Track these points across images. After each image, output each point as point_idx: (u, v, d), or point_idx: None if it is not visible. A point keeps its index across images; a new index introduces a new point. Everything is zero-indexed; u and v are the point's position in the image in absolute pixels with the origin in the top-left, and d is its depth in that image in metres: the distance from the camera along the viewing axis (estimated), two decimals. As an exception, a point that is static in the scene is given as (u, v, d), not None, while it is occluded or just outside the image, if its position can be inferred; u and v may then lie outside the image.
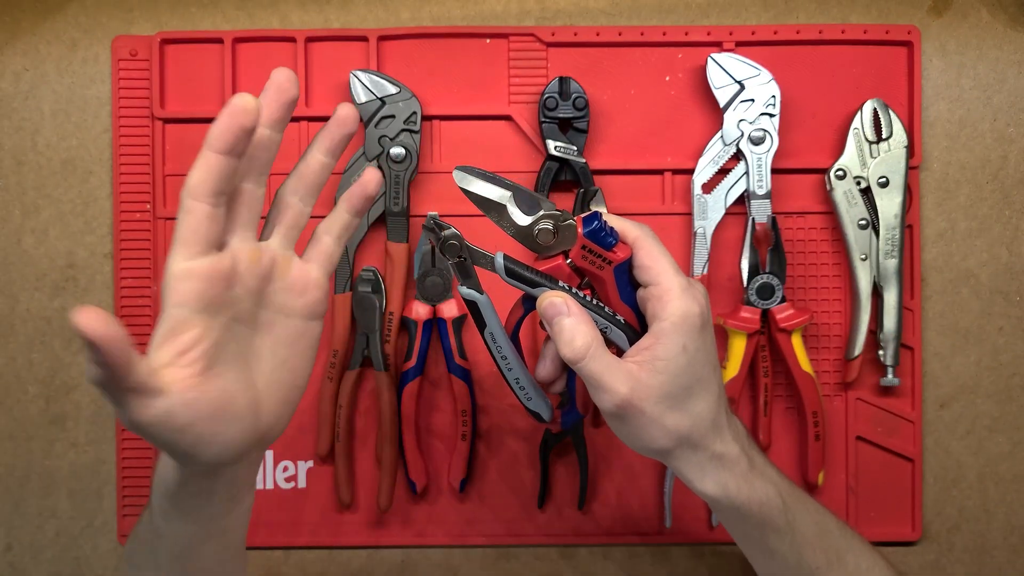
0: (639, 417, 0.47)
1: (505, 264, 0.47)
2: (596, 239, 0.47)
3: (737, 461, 0.49)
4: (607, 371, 0.46)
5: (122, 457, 0.69)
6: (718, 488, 0.48)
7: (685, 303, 0.47)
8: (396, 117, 0.67)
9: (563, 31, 0.69)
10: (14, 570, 0.70)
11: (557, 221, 0.47)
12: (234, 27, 0.70)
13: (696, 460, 0.48)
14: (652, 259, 0.48)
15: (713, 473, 0.48)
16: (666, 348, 0.46)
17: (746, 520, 0.50)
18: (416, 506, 0.70)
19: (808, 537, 0.51)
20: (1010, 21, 0.70)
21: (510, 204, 0.47)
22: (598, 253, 0.47)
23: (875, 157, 0.67)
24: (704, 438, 0.48)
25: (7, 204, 0.70)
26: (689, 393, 0.47)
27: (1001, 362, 0.70)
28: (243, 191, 0.43)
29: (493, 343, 0.51)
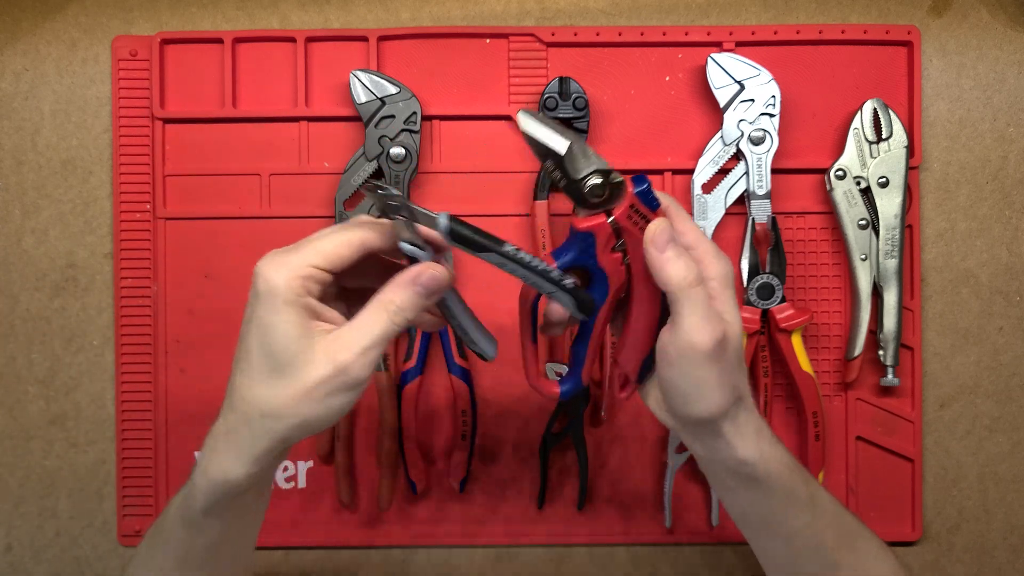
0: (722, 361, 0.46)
1: (451, 225, 0.45)
2: (645, 200, 0.47)
3: (762, 423, 0.49)
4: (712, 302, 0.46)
5: (122, 457, 0.69)
6: (756, 452, 0.48)
7: (725, 262, 0.48)
8: (396, 117, 0.67)
9: (563, 31, 0.69)
10: (14, 570, 0.70)
11: (608, 179, 0.47)
12: (234, 27, 0.70)
13: (740, 419, 0.47)
14: (684, 224, 0.48)
15: (752, 436, 0.48)
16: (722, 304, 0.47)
17: (773, 492, 0.49)
18: (416, 506, 0.70)
19: (828, 515, 0.51)
20: (1010, 21, 0.70)
21: (568, 155, 0.46)
22: (643, 214, 0.47)
23: (875, 157, 0.67)
24: (746, 391, 0.48)
25: (7, 204, 0.70)
26: (740, 347, 0.47)
27: (1001, 362, 0.70)
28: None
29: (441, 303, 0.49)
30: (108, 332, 0.70)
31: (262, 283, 0.43)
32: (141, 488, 0.69)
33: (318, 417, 0.43)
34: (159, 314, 0.69)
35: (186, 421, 0.69)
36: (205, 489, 0.45)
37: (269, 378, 0.43)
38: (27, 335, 0.70)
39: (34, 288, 0.70)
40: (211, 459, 0.45)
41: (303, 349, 0.42)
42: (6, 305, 0.70)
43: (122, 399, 0.69)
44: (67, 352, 0.70)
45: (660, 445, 0.70)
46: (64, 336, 0.70)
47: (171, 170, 0.69)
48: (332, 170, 0.69)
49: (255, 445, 0.44)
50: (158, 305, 0.69)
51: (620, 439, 0.70)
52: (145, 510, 0.69)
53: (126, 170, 0.69)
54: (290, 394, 0.43)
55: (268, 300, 0.43)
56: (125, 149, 0.69)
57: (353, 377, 0.43)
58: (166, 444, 0.69)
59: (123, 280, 0.69)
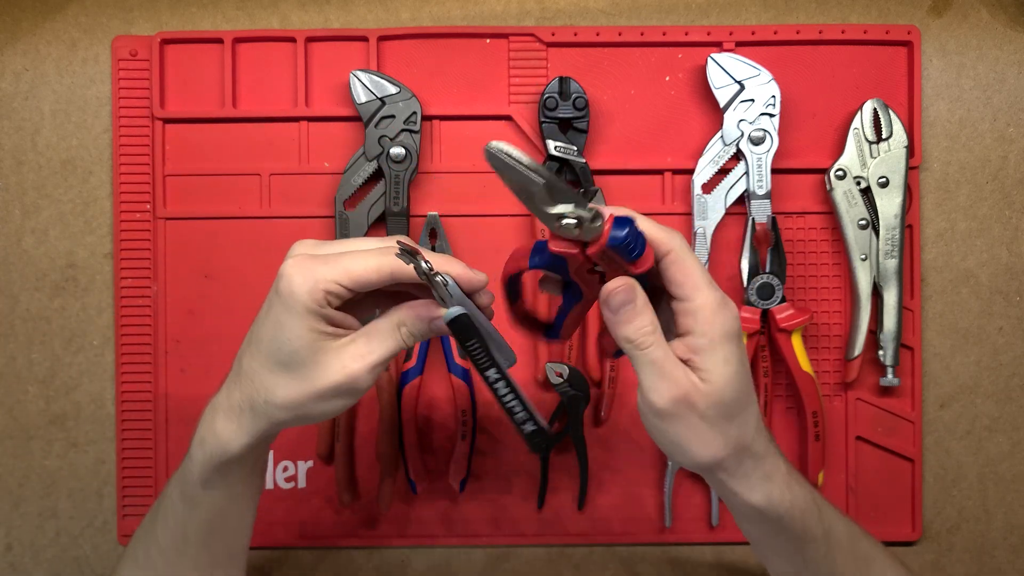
0: (690, 417, 0.45)
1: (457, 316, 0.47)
2: (621, 251, 0.45)
3: (777, 466, 0.48)
4: (669, 361, 0.45)
5: (122, 457, 0.69)
6: (764, 498, 0.47)
7: (723, 319, 0.46)
8: (396, 117, 0.67)
9: (563, 31, 0.69)
10: (14, 570, 0.70)
11: (585, 221, 0.44)
12: (234, 27, 0.70)
13: (742, 471, 0.47)
14: (686, 275, 0.46)
15: (759, 483, 0.47)
16: (707, 360, 0.45)
17: (786, 530, 0.49)
18: (416, 506, 0.70)
19: (842, 544, 0.50)
20: (1010, 21, 0.70)
21: (539, 189, 0.44)
22: (618, 262, 0.46)
23: (875, 157, 0.67)
24: (752, 444, 0.47)
25: (7, 204, 0.70)
26: (736, 404, 0.46)
27: (1001, 362, 0.70)
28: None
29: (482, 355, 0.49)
30: (108, 332, 0.70)
31: (285, 285, 0.45)
32: (141, 488, 0.69)
33: (321, 413, 0.47)
34: (159, 314, 0.69)
35: (186, 421, 0.69)
36: (203, 460, 0.48)
37: (278, 371, 0.46)
38: (27, 335, 0.70)
39: (34, 288, 0.70)
40: (210, 430, 0.48)
41: (315, 355, 0.45)
42: (6, 305, 0.70)
43: (122, 399, 0.69)
44: (67, 352, 0.70)
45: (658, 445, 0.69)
46: (64, 336, 0.70)
47: (171, 170, 0.69)
48: (332, 170, 0.69)
49: (256, 424, 0.47)
50: (158, 305, 0.69)
51: (620, 439, 0.70)
52: (145, 510, 0.69)
53: (126, 170, 0.69)
54: (299, 391, 0.46)
55: (288, 303, 0.45)
56: (125, 149, 0.69)
57: (360, 387, 0.46)
58: (166, 444, 0.69)
59: (123, 280, 0.69)
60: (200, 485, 0.49)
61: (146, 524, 0.54)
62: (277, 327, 0.45)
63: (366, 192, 0.68)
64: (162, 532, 0.52)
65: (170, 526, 0.51)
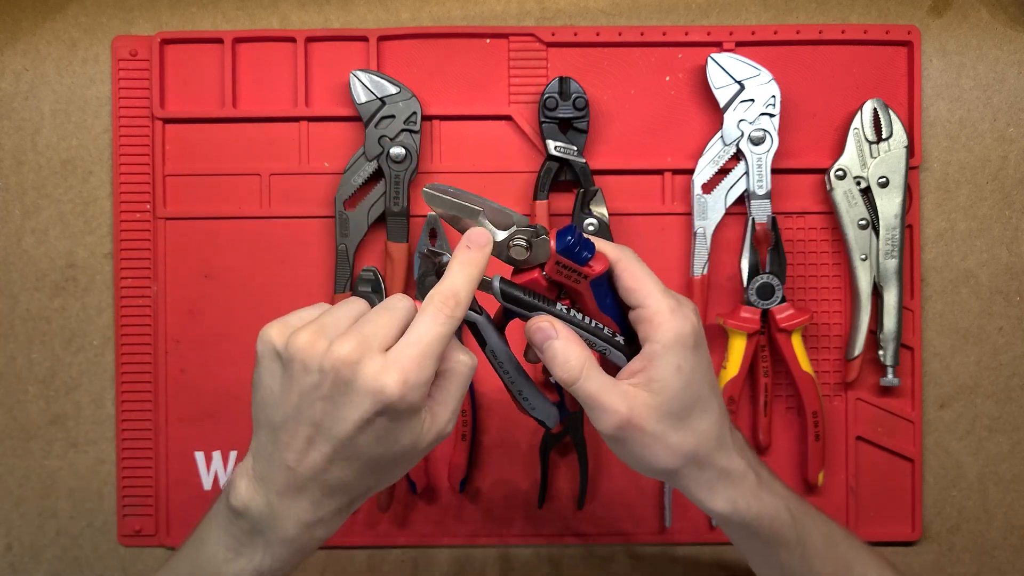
0: (640, 436, 0.46)
1: (501, 288, 0.47)
2: (570, 255, 0.47)
3: (744, 476, 0.48)
4: (603, 391, 0.46)
5: (122, 457, 0.69)
6: (728, 505, 0.48)
7: (676, 324, 0.46)
8: (396, 117, 0.67)
9: (563, 31, 0.69)
10: (14, 570, 0.70)
11: (530, 237, 0.47)
12: (234, 27, 0.70)
13: (704, 478, 0.48)
14: (637, 281, 0.47)
15: (722, 490, 0.48)
16: (659, 369, 0.46)
17: (756, 536, 0.49)
18: (416, 506, 0.70)
19: (818, 550, 0.51)
20: (1010, 21, 0.70)
21: (480, 220, 0.47)
22: (572, 268, 0.47)
23: (875, 157, 0.67)
24: (710, 455, 0.47)
25: (7, 204, 0.70)
26: (689, 412, 0.47)
27: (1001, 362, 0.70)
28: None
29: (495, 359, 0.50)
30: (108, 332, 0.70)
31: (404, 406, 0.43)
32: (141, 488, 0.69)
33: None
34: (159, 314, 0.69)
35: (186, 421, 0.69)
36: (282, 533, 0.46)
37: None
38: (27, 335, 0.70)
39: (34, 288, 0.70)
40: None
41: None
42: (6, 305, 0.70)
43: (122, 399, 0.69)
44: (67, 352, 0.70)
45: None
46: (64, 336, 0.70)
47: (171, 170, 0.69)
48: (332, 170, 0.69)
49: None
50: (158, 305, 0.69)
51: (620, 439, 0.70)
52: (145, 510, 0.69)
53: (126, 170, 0.69)
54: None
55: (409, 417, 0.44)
56: (125, 149, 0.69)
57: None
58: (166, 444, 0.69)
59: (123, 280, 0.69)
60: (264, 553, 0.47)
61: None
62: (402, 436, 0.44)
63: (366, 192, 0.68)
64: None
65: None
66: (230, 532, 0.47)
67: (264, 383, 0.44)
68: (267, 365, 0.44)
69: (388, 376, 0.41)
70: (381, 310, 0.45)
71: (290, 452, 0.44)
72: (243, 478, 0.46)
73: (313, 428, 0.43)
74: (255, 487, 0.45)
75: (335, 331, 0.43)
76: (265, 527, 0.45)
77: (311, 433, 0.43)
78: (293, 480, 0.44)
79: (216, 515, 0.48)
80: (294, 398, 0.43)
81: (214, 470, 0.69)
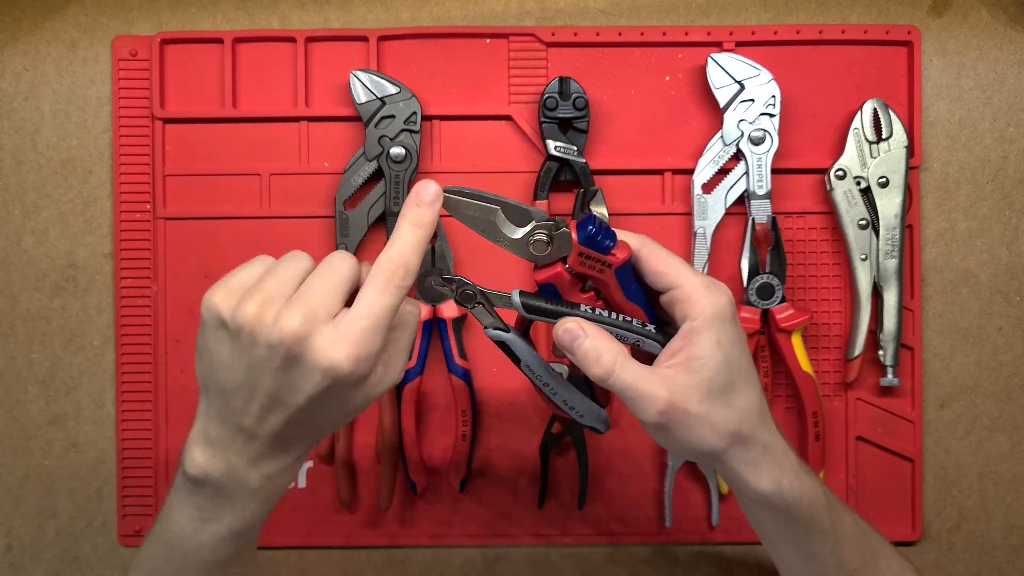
0: (684, 419, 0.45)
1: (523, 301, 0.47)
2: (592, 244, 0.46)
3: (786, 454, 0.48)
4: (641, 379, 0.45)
5: (122, 457, 0.69)
6: (773, 484, 0.47)
7: (713, 298, 0.46)
8: (396, 117, 0.67)
9: (563, 31, 0.69)
10: (14, 570, 0.70)
11: (550, 230, 0.46)
12: (234, 27, 0.70)
13: (750, 456, 0.46)
14: (665, 264, 0.47)
15: (768, 469, 0.47)
16: (700, 346, 0.45)
17: (794, 521, 0.48)
18: (416, 506, 0.70)
19: (848, 538, 0.50)
20: (1010, 21, 0.70)
21: (499, 219, 0.46)
22: (596, 258, 0.47)
23: (875, 157, 0.67)
24: (754, 431, 0.46)
25: (7, 204, 0.70)
26: (732, 387, 0.46)
27: (1001, 362, 0.70)
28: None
29: (532, 374, 0.50)
30: (108, 332, 0.70)
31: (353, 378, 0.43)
32: (141, 488, 0.69)
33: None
34: (159, 314, 0.69)
35: (186, 421, 0.69)
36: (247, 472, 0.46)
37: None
38: (27, 335, 0.70)
39: (34, 288, 0.70)
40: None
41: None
42: (6, 305, 0.70)
43: (122, 399, 0.69)
44: (67, 352, 0.70)
45: (659, 444, 0.69)
46: (64, 336, 0.70)
47: (171, 170, 0.69)
48: (332, 170, 0.69)
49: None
50: (158, 305, 0.69)
51: (620, 439, 0.70)
52: (145, 510, 0.69)
53: (126, 170, 0.69)
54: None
55: (357, 386, 0.44)
56: (125, 149, 0.69)
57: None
58: (166, 444, 0.69)
59: (123, 280, 0.69)
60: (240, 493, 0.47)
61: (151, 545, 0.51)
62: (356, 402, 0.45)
63: (366, 192, 0.68)
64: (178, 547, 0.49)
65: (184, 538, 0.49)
66: (193, 503, 0.47)
67: (211, 349, 0.44)
68: (213, 332, 0.44)
69: (338, 351, 0.41)
70: (325, 274, 0.44)
71: (246, 416, 0.44)
72: (197, 445, 0.46)
73: (268, 398, 0.43)
74: (212, 451, 0.45)
75: (281, 296, 0.43)
76: (229, 488, 0.46)
77: (266, 402, 0.43)
78: (251, 440, 0.45)
79: (176, 491, 0.48)
80: (244, 368, 0.43)
81: (214, 470, 0.69)
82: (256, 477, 0.46)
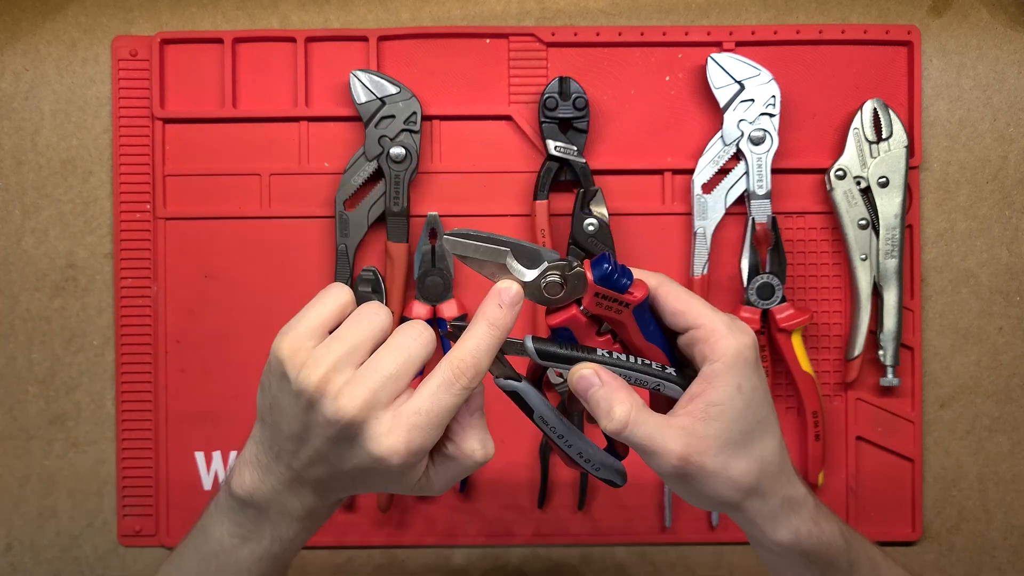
0: (700, 473, 0.43)
1: (536, 348, 0.45)
2: (609, 283, 0.44)
3: (804, 503, 0.46)
4: (656, 433, 0.43)
5: (122, 457, 0.69)
6: (791, 535, 0.45)
7: (735, 339, 0.44)
8: (396, 117, 0.67)
9: (563, 31, 0.69)
10: (14, 570, 0.70)
11: (564, 271, 0.44)
12: (234, 27, 0.70)
13: (767, 509, 0.45)
14: (684, 303, 0.45)
15: (785, 520, 0.45)
16: (720, 392, 0.43)
17: (811, 565, 0.47)
18: (416, 506, 0.70)
19: (864, 573, 0.49)
20: (1010, 21, 0.70)
21: (509, 261, 0.44)
22: (613, 297, 0.44)
23: (875, 157, 0.67)
24: (774, 484, 0.45)
25: (7, 204, 0.70)
26: (751, 437, 0.44)
27: (1001, 362, 0.70)
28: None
29: (546, 426, 0.47)
30: (108, 332, 0.70)
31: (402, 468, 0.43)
32: (141, 488, 0.69)
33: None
34: (159, 314, 0.69)
35: (186, 421, 0.69)
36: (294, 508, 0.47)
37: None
38: (27, 335, 0.70)
39: (34, 288, 0.70)
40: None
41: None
42: (6, 305, 0.70)
43: (122, 399, 0.69)
44: (67, 352, 0.70)
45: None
46: (64, 336, 0.70)
47: (171, 170, 0.69)
48: (332, 170, 0.69)
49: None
50: (158, 305, 0.69)
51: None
52: (145, 510, 0.69)
53: (126, 170, 0.69)
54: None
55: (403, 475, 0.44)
56: (125, 149, 0.69)
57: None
58: (166, 444, 0.69)
59: (123, 280, 0.69)
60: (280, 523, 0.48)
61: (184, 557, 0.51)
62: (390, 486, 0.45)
63: (366, 192, 0.68)
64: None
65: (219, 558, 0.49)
66: (235, 520, 0.47)
67: (274, 392, 0.44)
68: (276, 380, 0.43)
69: (391, 440, 0.41)
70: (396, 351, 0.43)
71: (295, 460, 0.44)
72: (247, 466, 0.46)
73: (317, 455, 0.43)
74: (260, 475, 0.45)
75: (347, 365, 0.42)
76: (272, 512, 0.46)
77: (315, 456, 0.43)
78: (296, 477, 0.45)
79: (218, 507, 0.48)
80: (300, 424, 0.43)
81: (214, 470, 0.69)
82: (298, 506, 0.46)
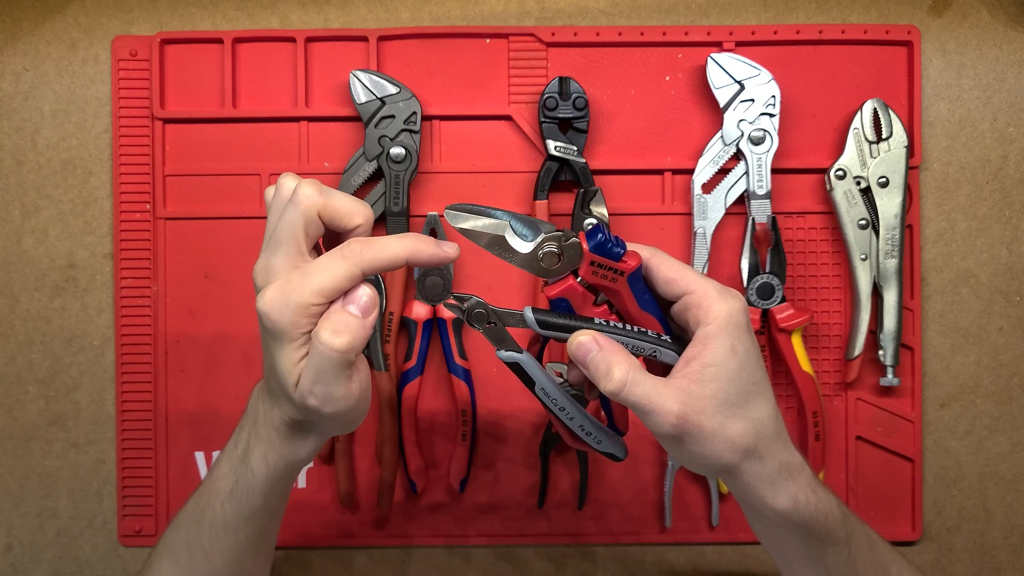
0: (698, 433, 0.44)
1: (536, 318, 0.46)
2: (603, 251, 0.46)
3: (802, 469, 0.47)
4: (653, 393, 0.44)
5: (122, 457, 0.69)
6: (790, 501, 0.46)
7: (726, 303, 0.45)
8: (396, 117, 0.67)
9: (563, 31, 0.69)
10: (14, 570, 0.70)
11: (560, 241, 0.46)
12: (234, 27, 0.70)
13: (766, 472, 0.45)
14: (676, 271, 0.46)
15: (784, 485, 0.46)
16: (714, 352, 0.44)
17: (810, 535, 0.47)
18: (416, 506, 0.70)
19: (861, 549, 0.50)
20: (1010, 21, 0.70)
21: (508, 233, 0.46)
22: (608, 266, 0.46)
23: (875, 157, 0.67)
24: (770, 446, 0.45)
25: (7, 204, 0.70)
26: (746, 398, 0.45)
27: (1001, 362, 0.70)
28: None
29: (547, 397, 0.49)
30: (108, 332, 0.70)
31: (268, 324, 0.43)
32: (141, 488, 0.69)
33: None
34: (159, 314, 0.69)
35: (186, 421, 0.69)
36: (266, 474, 0.49)
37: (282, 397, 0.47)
38: (27, 335, 0.70)
39: (34, 288, 0.70)
40: (272, 446, 0.49)
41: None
42: (6, 305, 0.70)
43: (122, 399, 0.69)
44: (67, 352, 0.70)
45: (660, 445, 0.69)
46: (64, 336, 0.70)
47: (171, 170, 0.69)
48: (332, 170, 0.69)
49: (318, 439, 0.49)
50: (158, 305, 0.69)
51: (620, 439, 0.70)
52: (145, 510, 0.69)
53: (126, 170, 0.69)
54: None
55: (276, 339, 0.44)
56: (125, 149, 0.69)
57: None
58: (166, 444, 0.69)
59: (123, 280, 0.69)
60: (261, 495, 0.50)
61: (187, 530, 0.53)
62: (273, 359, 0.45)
63: (366, 192, 0.68)
64: (210, 537, 0.51)
65: (219, 534, 0.51)
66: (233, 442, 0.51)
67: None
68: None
69: (268, 292, 0.43)
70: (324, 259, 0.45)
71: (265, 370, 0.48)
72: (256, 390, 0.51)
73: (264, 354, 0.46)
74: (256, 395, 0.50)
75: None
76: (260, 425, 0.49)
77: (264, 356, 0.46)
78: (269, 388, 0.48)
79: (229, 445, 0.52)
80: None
81: (214, 470, 0.69)
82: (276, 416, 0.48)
